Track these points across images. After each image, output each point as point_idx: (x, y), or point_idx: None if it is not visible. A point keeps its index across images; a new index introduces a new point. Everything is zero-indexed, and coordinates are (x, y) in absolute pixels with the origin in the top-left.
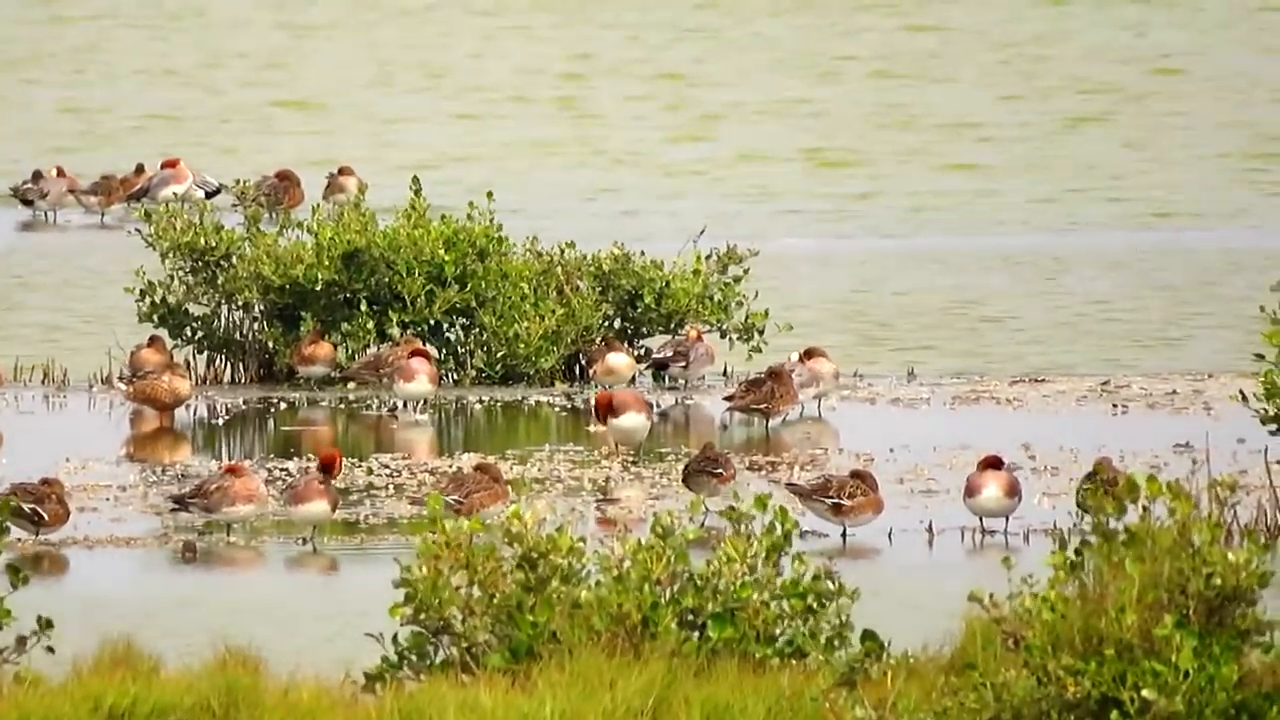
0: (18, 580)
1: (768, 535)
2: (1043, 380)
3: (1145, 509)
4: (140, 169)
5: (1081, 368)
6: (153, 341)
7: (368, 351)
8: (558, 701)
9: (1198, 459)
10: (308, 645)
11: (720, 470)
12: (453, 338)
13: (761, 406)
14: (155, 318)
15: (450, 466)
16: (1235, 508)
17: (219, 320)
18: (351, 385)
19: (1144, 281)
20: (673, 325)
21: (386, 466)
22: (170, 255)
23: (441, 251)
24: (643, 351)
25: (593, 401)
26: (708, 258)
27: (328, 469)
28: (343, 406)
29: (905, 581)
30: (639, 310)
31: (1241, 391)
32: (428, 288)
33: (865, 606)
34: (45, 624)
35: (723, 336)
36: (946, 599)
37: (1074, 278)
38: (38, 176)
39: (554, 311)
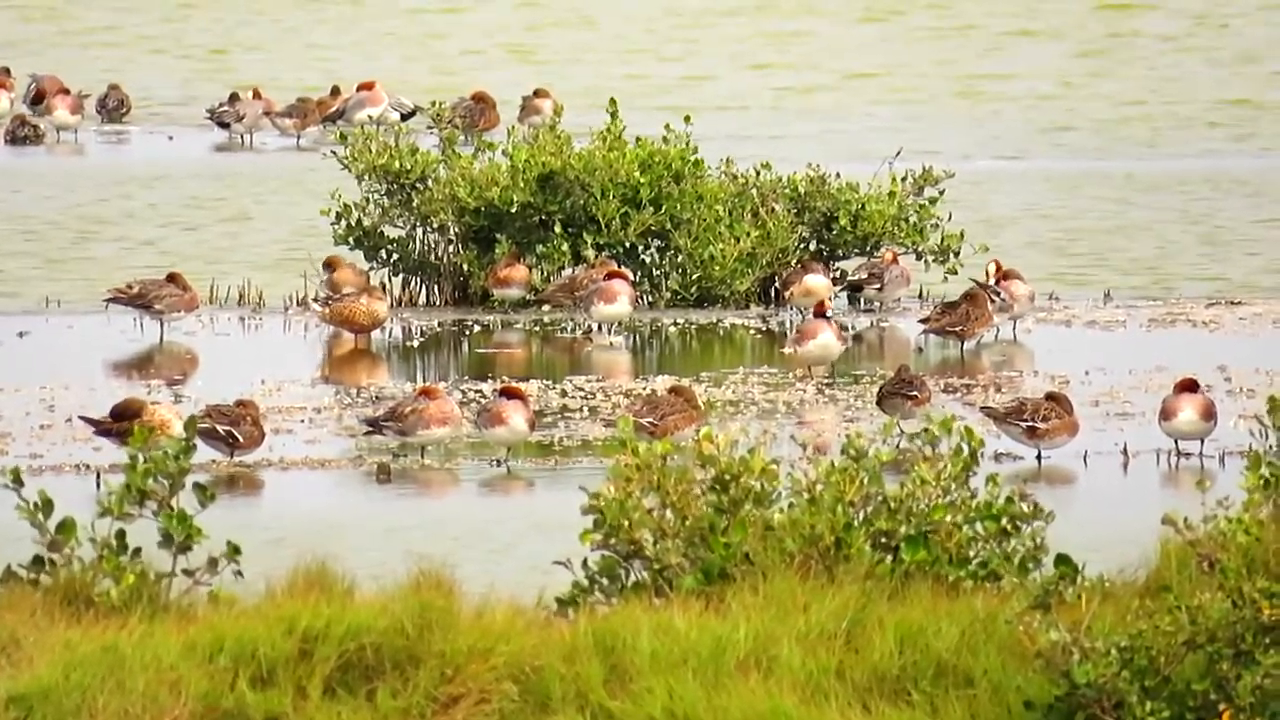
0: (205, 498)
1: (956, 456)
2: (1239, 303)
3: None
4: (336, 91)
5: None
6: (334, 263)
7: (562, 274)
8: (751, 624)
9: None
10: (502, 567)
11: (915, 392)
12: (647, 260)
13: (957, 329)
14: (351, 240)
15: (644, 389)
16: None
17: (414, 243)
18: (546, 307)
19: None
20: (868, 247)
21: (581, 388)
22: (365, 177)
23: (637, 174)
24: (838, 274)
25: (789, 325)
26: (903, 180)
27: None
28: (537, 329)
29: (1100, 504)
30: (834, 232)
31: None
32: (623, 210)
33: (1059, 529)
34: (234, 549)
35: (918, 258)
36: (1141, 522)
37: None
38: (234, 99)
39: (749, 234)
